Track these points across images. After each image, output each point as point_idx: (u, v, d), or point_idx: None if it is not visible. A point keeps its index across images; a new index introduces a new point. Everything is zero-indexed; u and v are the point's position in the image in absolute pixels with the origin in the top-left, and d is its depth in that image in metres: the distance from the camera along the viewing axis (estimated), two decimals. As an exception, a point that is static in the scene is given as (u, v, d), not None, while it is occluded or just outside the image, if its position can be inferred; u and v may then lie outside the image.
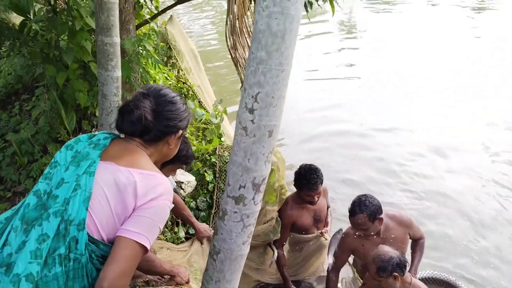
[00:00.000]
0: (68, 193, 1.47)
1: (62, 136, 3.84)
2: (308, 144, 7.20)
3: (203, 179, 3.92)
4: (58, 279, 1.43)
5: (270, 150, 1.49)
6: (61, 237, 1.44)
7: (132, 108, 1.61)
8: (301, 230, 3.65)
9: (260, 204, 1.60)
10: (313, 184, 3.39)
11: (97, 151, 1.57)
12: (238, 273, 1.69)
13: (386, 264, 2.75)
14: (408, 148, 6.86)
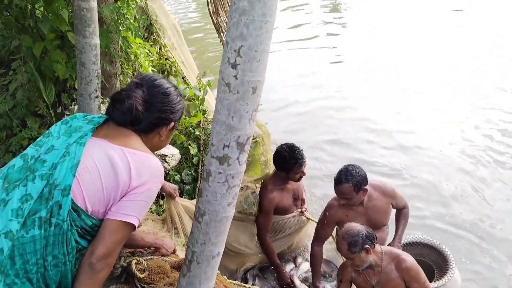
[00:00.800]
0: (56, 158, 1.47)
1: (41, 109, 3.75)
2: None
3: (187, 153, 3.89)
4: (35, 242, 1.40)
5: (255, 107, 1.45)
6: (44, 200, 1.42)
7: (124, 97, 1.59)
8: (283, 211, 3.64)
9: (244, 165, 1.57)
10: (301, 158, 3.38)
11: (90, 126, 1.57)
12: (224, 235, 1.67)
13: (356, 238, 2.75)
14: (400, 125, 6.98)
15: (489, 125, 6.88)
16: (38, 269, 1.41)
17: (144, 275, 2.35)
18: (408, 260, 2.82)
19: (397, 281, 2.85)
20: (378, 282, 2.90)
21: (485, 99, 7.57)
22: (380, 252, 2.88)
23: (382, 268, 2.85)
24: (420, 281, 2.81)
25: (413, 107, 7.39)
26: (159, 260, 2.49)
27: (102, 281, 1.59)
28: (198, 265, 1.68)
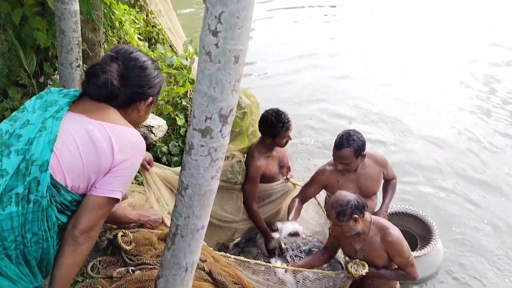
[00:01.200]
0: (32, 133, 1.42)
1: (23, 79, 3.63)
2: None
3: (174, 123, 3.82)
4: (12, 219, 1.37)
5: (237, 78, 1.39)
6: (21, 176, 1.38)
7: (98, 71, 1.53)
8: (269, 179, 3.64)
9: (228, 138, 1.53)
10: (287, 122, 3.38)
11: (66, 100, 1.52)
12: (208, 209, 1.64)
13: (345, 208, 2.77)
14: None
15: (483, 108, 6.97)
16: (17, 246, 1.38)
17: (131, 247, 2.35)
18: (394, 234, 2.84)
19: (380, 252, 2.88)
20: (361, 249, 2.94)
21: (480, 83, 7.61)
22: (370, 221, 2.90)
23: (368, 237, 2.89)
24: (403, 255, 2.84)
25: (411, 89, 7.45)
26: (146, 232, 2.48)
27: (86, 253, 1.58)
28: (182, 238, 1.66)
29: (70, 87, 2.82)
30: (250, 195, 3.57)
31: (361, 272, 2.85)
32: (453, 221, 4.66)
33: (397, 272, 2.93)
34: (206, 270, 2.23)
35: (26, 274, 1.42)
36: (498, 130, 6.38)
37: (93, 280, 2.20)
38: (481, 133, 6.30)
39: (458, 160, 5.69)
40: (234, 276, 2.29)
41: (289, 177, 3.78)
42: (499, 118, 6.71)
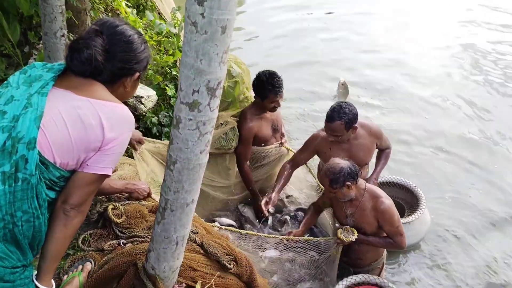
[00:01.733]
0: (18, 110, 1.38)
1: (7, 49, 3.53)
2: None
3: (164, 94, 3.76)
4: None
5: (225, 49, 1.34)
6: (7, 154, 1.35)
7: (82, 46, 1.46)
8: (262, 141, 3.63)
9: (217, 111, 1.49)
10: (277, 87, 3.34)
11: (51, 74, 1.47)
12: (197, 183, 1.62)
13: (337, 175, 2.78)
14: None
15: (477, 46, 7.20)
16: (5, 225, 1.37)
17: (122, 220, 2.34)
18: (386, 203, 2.87)
19: (370, 219, 2.92)
20: (352, 214, 2.98)
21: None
22: (363, 188, 2.92)
23: (360, 204, 2.91)
24: (393, 224, 2.88)
25: (403, 29, 7.57)
26: (137, 205, 2.47)
27: (76, 228, 1.58)
28: (172, 212, 1.65)
29: (55, 57, 2.74)
30: (242, 156, 3.56)
31: (351, 238, 2.89)
32: (441, 187, 4.72)
33: (386, 240, 2.97)
34: (198, 242, 2.23)
35: (13, 251, 1.40)
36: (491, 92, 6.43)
37: (85, 253, 2.20)
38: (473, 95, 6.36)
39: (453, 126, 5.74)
40: (226, 247, 2.30)
41: (283, 142, 3.76)
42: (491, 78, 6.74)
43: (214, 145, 3.46)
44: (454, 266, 3.89)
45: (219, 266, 2.21)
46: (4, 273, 1.37)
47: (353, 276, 3.02)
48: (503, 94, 6.36)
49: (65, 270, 2.09)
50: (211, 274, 2.14)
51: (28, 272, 1.46)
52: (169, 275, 1.84)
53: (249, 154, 3.60)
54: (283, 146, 3.76)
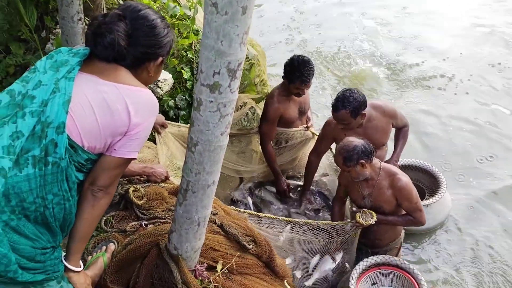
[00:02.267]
0: (46, 95, 1.41)
1: (24, 34, 3.56)
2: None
3: (180, 77, 3.76)
4: (30, 181, 1.38)
5: (245, 30, 1.34)
6: (37, 138, 1.38)
7: (104, 31, 1.47)
8: (287, 123, 3.62)
9: (237, 92, 1.49)
10: (306, 77, 3.31)
11: (77, 59, 1.49)
12: (218, 165, 1.64)
13: (351, 153, 2.77)
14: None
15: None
16: (37, 208, 1.40)
17: (142, 202, 2.38)
18: (403, 180, 2.85)
19: (388, 197, 2.91)
20: (369, 194, 2.97)
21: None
22: (378, 167, 2.91)
23: (377, 183, 2.90)
24: (411, 201, 2.86)
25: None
26: (157, 187, 2.51)
27: (104, 208, 1.63)
28: (194, 194, 1.67)
29: (73, 41, 2.76)
30: (266, 136, 3.56)
31: (370, 221, 2.89)
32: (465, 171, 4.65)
33: (405, 217, 2.96)
34: (218, 223, 2.26)
35: (43, 233, 1.44)
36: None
37: (108, 234, 2.24)
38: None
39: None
40: (245, 228, 2.32)
41: (309, 126, 3.75)
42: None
43: (236, 127, 3.48)
44: (473, 252, 3.85)
45: (239, 247, 2.23)
46: (35, 253, 1.41)
47: (373, 257, 3.03)
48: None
49: (89, 251, 2.14)
50: (231, 254, 2.17)
51: (58, 253, 1.51)
52: (191, 255, 1.87)
53: (273, 134, 3.59)
54: (309, 130, 3.74)
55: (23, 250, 1.37)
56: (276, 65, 5.89)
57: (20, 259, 1.36)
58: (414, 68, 6.30)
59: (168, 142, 2.95)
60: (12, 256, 1.32)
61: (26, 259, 1.38)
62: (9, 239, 1.33)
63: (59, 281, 1.53)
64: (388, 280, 3.03)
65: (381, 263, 3.01)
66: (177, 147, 3.06)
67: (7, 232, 1.33)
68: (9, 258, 1.32)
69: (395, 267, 2.99)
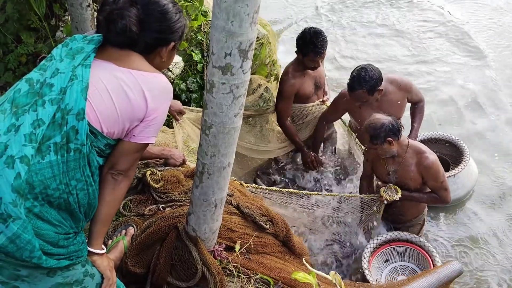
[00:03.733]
0: (64, 82, 1.43)
1: (34, 23, 3.57)
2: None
3: (190, 59, 3.74)
4: (52, 167, 1.40)
5: (255, 9, 1.32)
6: (57, 126, 1.41)
7: (116, 17, 1.47)
8: (303, 98, 3.61)
9: (249, 73, 1.49)
10: (320, 48, 3.29)
11: (91, 46, 1.50)
12: (233, 146, 1.64)
13: (378, 131, 2.76)
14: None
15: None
16: (60, 194, 1.43)
17: (160, 185, 2.41)
18: (431, 158, 2.84)
19: (414, 175, 2.90)
20: (395, 171, 2.96)
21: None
22: (406, 144, 2.89)
23: (403, 160, 2.89)
24: (438, 180, 2.85)
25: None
26: (173, 170, 2.53)
27: (124, 191, 1.66)
28: (210, 176, 1.68)
29: (83, 27, 2.76)
30: (283, 113, 3.56)
31: (395, 197, 2.89)
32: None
33: (430, 195, 2.96)
34: (234, 204, 2.28)
35: (66, 219, 1.47)
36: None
37: (126, 218, 2.28)
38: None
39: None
40: (262, 208, 2.34)
41: (325, 100, 3.73)
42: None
43: (253, 108, 3.49)
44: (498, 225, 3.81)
45: (256, 227, 2.26)
46: (59, 238, 1.44)
47: (383, 234, 3.04)
48: None
49: (109, 235, 2.18)
50: (249, 235, 2.19)
51: (80, 237, 1.54)
52: (210, 236, 1.90)
53: (290, 111, 3.59)
54: (325, 104, 3.71)
55: (47, 235, 1.40)
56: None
57: (44, 244, 1.40)
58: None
59: (185, 126, 2.96)
60: (36, 242, 1.35)
61: (50, 244, 1.42)
62: (33, 225, 1.36)
63: (84, 264, 1.57)
64: (401, 255, 3.05)
65: (391, 240, 3.02)
66: (194, 130, 3.08)
67: (30, 218, 1.36)
68: (33, 244, 1.35)
69: (406, 242, 3.00)
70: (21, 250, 1.34)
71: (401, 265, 3.04)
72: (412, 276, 2.92)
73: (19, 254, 1.35)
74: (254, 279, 2.07)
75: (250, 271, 2.09)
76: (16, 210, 1.32)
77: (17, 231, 1.32)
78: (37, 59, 3.41)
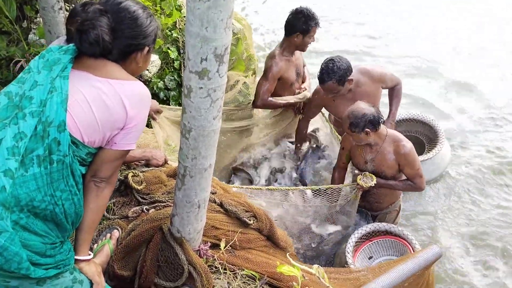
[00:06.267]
0: (44, 95, 1.43)
1: (5, 26, 3.50)
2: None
3: (167, 57, 3.73)
4: (36, 180, 1.42)
5: (229, 14, 1.34)
6: (39, 138, 1.42)
7: (88, 28, 1.48)
8: (286, 84, 3.62)
9: (226, 76, 1.51)
10: (318, 19, 3.35)
11: (68, 56, 1.51)
12: (213, 148, 1.67)
13: (358, 120, 2.81)
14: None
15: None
16: (46, 206, 1.44)
17: (142, 187, 2.41)
18: (407, 147, 2.92)
19: (391, 163, 2.97)
20: (372, 159, 3.03)
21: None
22: (384, 134, 2.96)
23: (381, 148, 2.95)
24: (414, 167, 2.93)
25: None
26: (155, 171, 2.54)
27: (107, 197, 1.68)
28: (192, 178, 1.71)
29: (56, 31, 2.73)
30: (266, 91, 3.50)
31: (370, 183, 2.96)
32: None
33: (405, 182, 3.04)
34: (217, 201, 2.31)
35: (52, 229, 1.49)
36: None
37: (111, 221, 2.29)
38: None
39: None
40: (245, 204, 2.37)
41: (303, 88, 3.72)
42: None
43: (233, 104, 3.51)
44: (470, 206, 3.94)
45: (240, 223, 2.29)
46: (46, 248, 1.46)
47: (363, 227, 3.11)
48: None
49: (94, 239, 2.19)
50: (233, 231, 2.23)
51: (66, 246, 1.56)
52: (194, 236, 1.93)
53: (272, 90, 3.56)
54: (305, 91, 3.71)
55: (34, 246, 1.42)
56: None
57: (32, 255, 1.41)
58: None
59: (164, 126, 2.97)
60: (23, 254, 1.37)
61: (37, 254, 1.43)
62: (20, 237, 1.37)
63: (72, 272, 1.59)
64: (383, 249, 3.13)
65: (371, 232, 3.09)
66: (173, 130, 3.08)
67: (17, 230, 1.37)
68: (20, 256, 1.36)
69: (386, 234, 3.08)
70: (9, 262, 1.36)
71: (385, 259, 3.10)
72: (392, 260, 3.02)
73: (8, 266, 1.36)
74: (240, 275, 2.11)
75: (236, 267, 2.13)
76: (3, 223, 1.33)
77: (4, 243, 1.33)
78: (10, 63, 3.35)
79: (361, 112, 2.82)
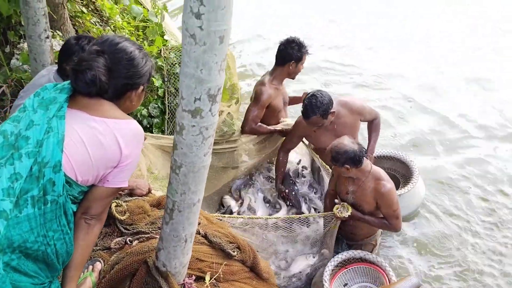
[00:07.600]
0: (40, 135, 1.44)
1: (-13, 51, 3.47)
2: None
3: (151, 85, 3.75)
4: (30, 221, 1.41)
5: (223, 57, 1.39)
6: (34, 179, 1.41)
7: (85, 68, 1.51)
8: (274, 111, 3.71)
9: (217, 115, 1.55)
10: (306, 46, 3.52)
11: (64, 95, 1.52)
12: (202, 184, 1.69)
13: (339, 156, 2.89)
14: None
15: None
16: (39, 246, 1.43)
17: (125, 217, 2.40)
18: (387, 187, 2.97)
19: (369, 199, 3.03)
20: (353, 191, 3.09)
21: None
22: (368, 171, 3.02)
23: (362, 183, 3.02)
24: (391, 208, 2.99)
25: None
26: (138, 201, 2.53)
27: (97, 234, 1.69)
28: (180, 213, 1.72)
29: (41, 59, 2.73)
30: (256, 118, 3.60)
31: (344, 214, 3.02)
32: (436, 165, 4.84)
33: (381, 220, 3.09)
34: (202, 233, 2.31)
35: (43, 269, 1.48)
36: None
37: (93, 253, 2.25)
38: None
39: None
40: (229, 235, 2.38)
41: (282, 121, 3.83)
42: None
43: (217, 134, 3.53)
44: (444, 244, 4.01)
45: (224, 254, 2.30)
46: None
47: (338, 255, 3.15)
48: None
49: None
50: (218, 263, 2.23)
51: (54, 285, 1.54)
52: (180, 270, 1.92)
53: (260, 118, 3.65)
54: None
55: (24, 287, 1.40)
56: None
57: None
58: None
59: (148, 153, 2.97)
60: None
61: None
62: (10, 279, 1.35)
63: None
64: (358, 276, 3.17)
65: (346, 259, 3.13)
66: (156, 155, 3.09)
67: (8, 272, 1.36)
68: None
69: (360, 262, 3.12)
70: None
71: (360, 286, 3.14)
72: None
73: None
74: (224, 308, 2.11)
75: (220, 300, 2.12)
76: None
77: None
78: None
79: (343, 149, 2.90)
